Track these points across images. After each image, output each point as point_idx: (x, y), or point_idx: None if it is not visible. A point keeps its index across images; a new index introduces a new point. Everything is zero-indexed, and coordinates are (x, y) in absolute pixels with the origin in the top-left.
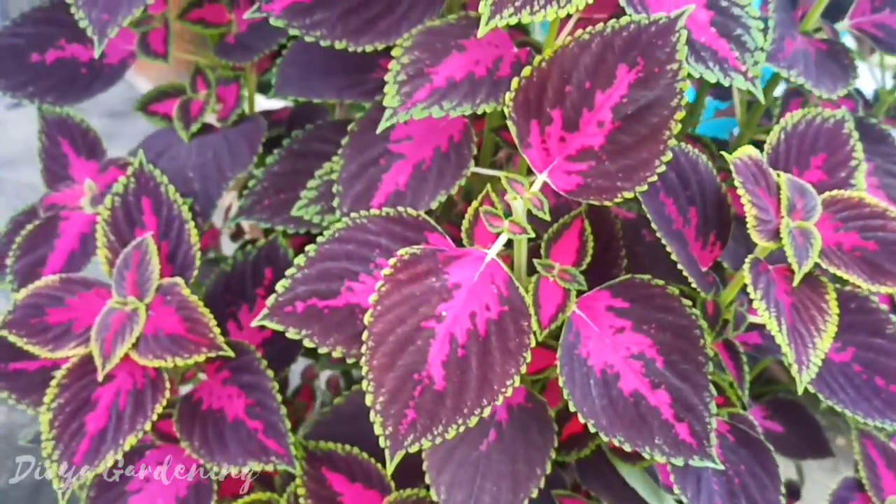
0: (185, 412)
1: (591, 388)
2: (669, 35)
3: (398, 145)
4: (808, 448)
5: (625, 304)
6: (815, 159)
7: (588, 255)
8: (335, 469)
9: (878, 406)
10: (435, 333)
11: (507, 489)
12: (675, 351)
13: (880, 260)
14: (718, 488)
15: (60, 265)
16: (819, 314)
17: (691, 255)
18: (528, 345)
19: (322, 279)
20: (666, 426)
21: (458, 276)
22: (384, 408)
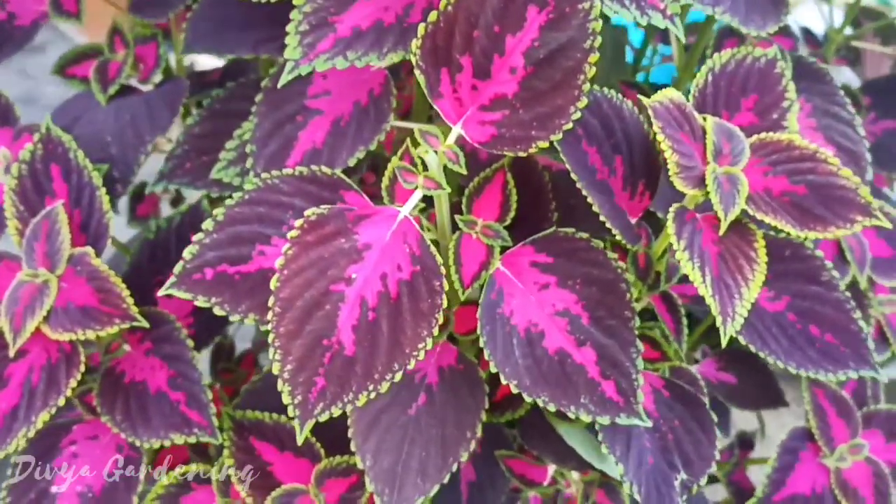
0: (107, 385)
1: (515, 347)
2: None
3: (316, 101)
4: (763, 398)
5: (549, 259)
6: (746, 101)
7: (512, 209)
8: (264, 438)
9: (812, 356)
10: (345, 297)
11: (436, 454)
12: (602, 306)
13: (810, 204)
14: (650, 445)
15: None
16: (747, 263)
17: (617, 205)
18: (441, 305)
19: (232, 244)
20: (592, 384)
21: (369, 235)
22: (292, 376)
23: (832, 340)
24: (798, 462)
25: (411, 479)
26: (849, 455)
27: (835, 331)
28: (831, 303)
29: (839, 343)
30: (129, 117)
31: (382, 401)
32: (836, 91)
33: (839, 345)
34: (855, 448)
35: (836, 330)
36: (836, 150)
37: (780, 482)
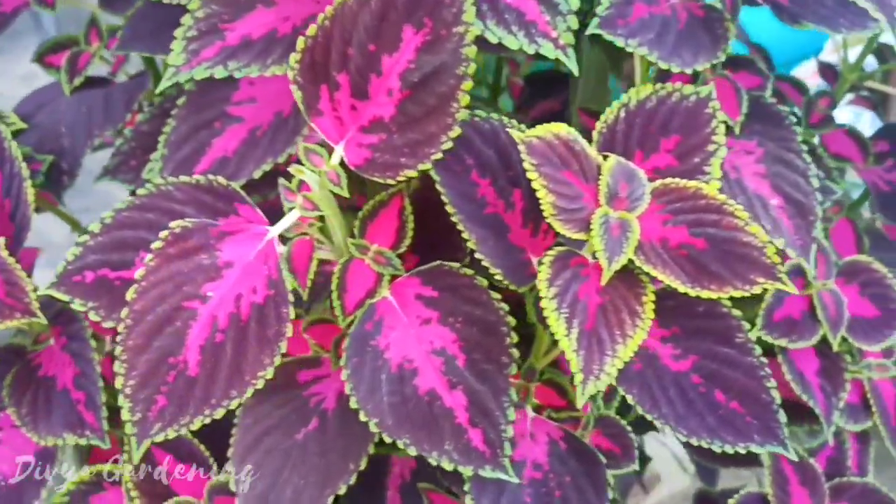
0: (20, 376)
1: (383, 383)
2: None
3: (239, 108)
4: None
5: (434, 293)
6: (667, 142)
7: (408, 236)
8: (161, 446)
9: (711, 424)
10: (197, 315)
11: (314, 483)
12: (479, 349)
13: (707, 260)
14: (531, 500)
15: None
16: (630, 318)
17: (512, 243)
18: (285, 334)
19: (116, 249)
20: (458, 431)
21: (233, 253)
22: (134, 392)
23: (738, 409)
24: None
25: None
26: None
27: (743, 399)
28: (743, 367)
29: (746, 412)
30: (86, 109)
31: (268, 422)
32: (794, 137)
33: (745, 414)
34: None
35: (745, 398)
36: (783, 201)
37: None
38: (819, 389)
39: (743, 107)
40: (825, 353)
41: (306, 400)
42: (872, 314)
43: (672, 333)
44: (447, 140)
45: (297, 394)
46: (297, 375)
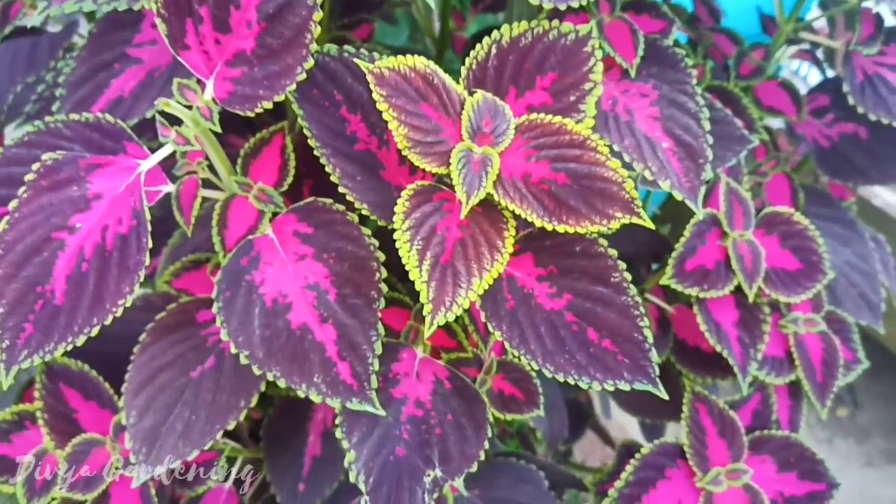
0: None
1: (255, 316)
2: None
3: (139, 49)
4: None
5: (310, 229)
6: (542, 80)
7: (290, 174)
8: (71, 385)
9: (581, 361)
10: (65, 245)
11: (204, 419)
12: (349, 284)
13: (566, 195)
14: (409, 437)
15: None
16: (489, 252)
17: (385, 180)
18: (144, 263)
19: (4, 184)
20: (328, 364)
21: (102, 186)
22: (3, 320)
23: (610, 347)
24: (663, 479)
25: (172, 441)
26: (724, 479)
27: (615, 337)
28: (617, 307)
29: (618, 351)
30: (10, 57)
31: (165, 359)
32: (688, 80)
33: (617, 353)
34: (734, 473)
35: (617, 336)
36: (673, 143)
37: (634, 497)
38: (736, 341)
39: (639, 50)
40: (744, 304)
41: (204, 339)
42: (794, 266)
43: (548, 273)
44: (302, 72)
45: (195, 332)
46: (196, 315)
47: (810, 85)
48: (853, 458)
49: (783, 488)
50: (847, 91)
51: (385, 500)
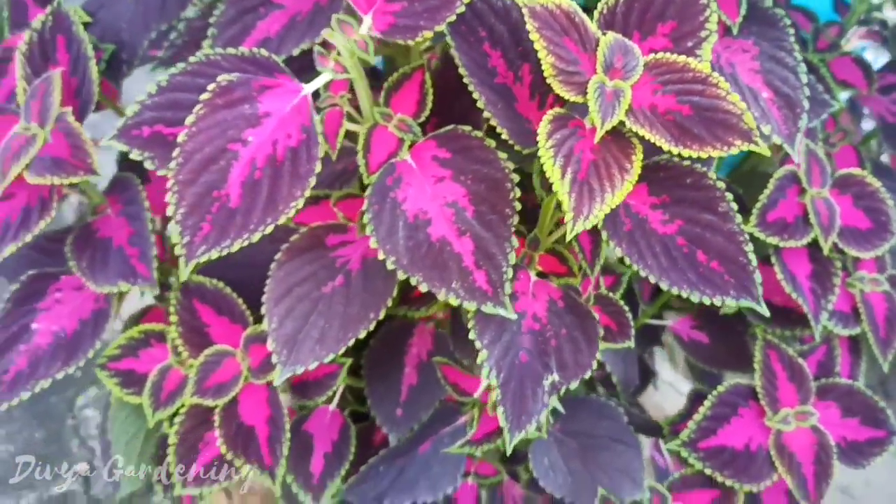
0: (80, 238)
1: (399, 228)
2: None
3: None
4: (733, 361)
5: (448, 154)
6: (663, 27)
7: (428, 107)
8: (205, 301)
9: (692, 278)
10: (239, 156)
11: (337, 327)
12: (486, 202)
13: (691, 124)
14: (530, 346)
15: (3, 98)
16: (619, 173)
17: (518, 112)
18: (315, 170)
19: (170, 108)
20: (465, 272)
21: (271, 106)
22: (184, 218)
23: (717, 268)
24: (736, 416)
25: (309, 345)
26: (794, 420)
27: (722, 259)
28: (723, 233)
29: (724, 272)
30: (143, 7)
31: (299, 275)
32: (786, 38)
33: (724, 273)
34: (802, 414)
35: (724, 259)
36: (773, 94)
37: (711, 430)
38: (809, 291)
39: (742, 9)
40: (817, 258)
41: (333, 260)
42: (865, 226)
43: (661, 202)
44: (461, 5)
45: (325, 254)
46: (325, 239)
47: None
48: None
49: (846, 433)
50: None
51: (512, 395)
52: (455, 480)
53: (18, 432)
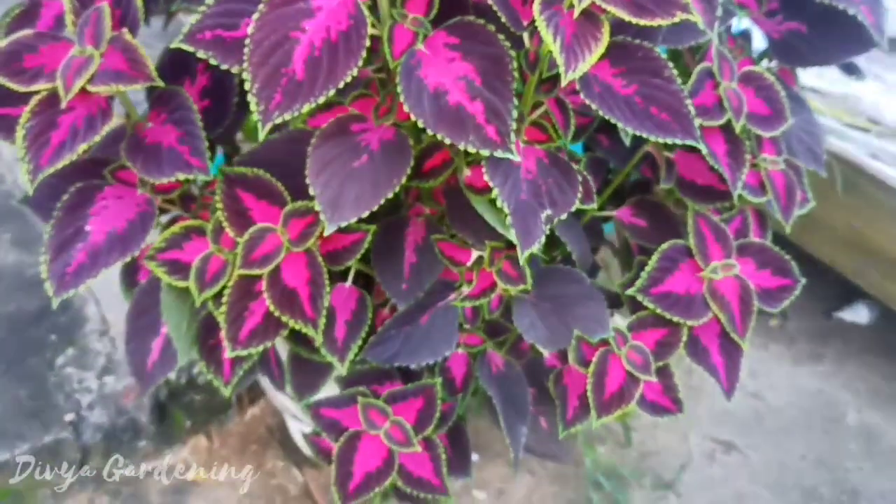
0: (131, 145)
1: (424, 99)
2: None
3: None
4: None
5: (456, 40)
6: None
7: (435, 7)
8: (246, 188)
9: (648, 126)
10: (300, 41)
11: (369, 190)
12: (491, 73)
13: (645, 2)
14: (526, 188)
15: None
16: (594, 41)
17: (511, 5)
18: (364, 44)
19: (226, 15)
20: (479, 127)
21: (321, 2)
22: (258, 92)
23: (666, 118)
24: (677, 270)
25: (349, 204)
26: (721, 271)
27: (669, 111)
28: (668, 92)
29: (671, 120)
30: None
31: (331, 154)
32: None
33: (671, 121)
34: (726, 266)
35: (671, 111)
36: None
37: (659, 279)
38: (727, 165)
39: None
40: (731, 139)
41: (358, 143)
42: (766, 112)
43: (621, 72)
44: None
45: (350, 139)
46: (349, 126)
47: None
48: (784, 359)
49: (761, 282)
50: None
51: (521, 221)
52: (451, 346)
53: (4, 391)
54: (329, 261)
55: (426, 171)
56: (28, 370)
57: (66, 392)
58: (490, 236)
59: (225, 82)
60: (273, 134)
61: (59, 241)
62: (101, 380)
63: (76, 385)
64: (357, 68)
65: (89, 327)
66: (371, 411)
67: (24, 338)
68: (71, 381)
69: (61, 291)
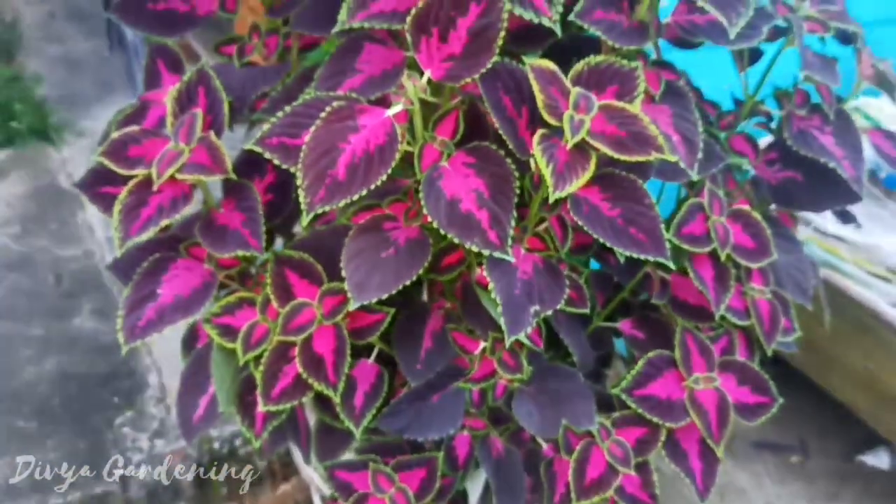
0: (204, 225)
1: (441, 205)
2: None
3: (360, 65)
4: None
5: (472, 159)
6: (611, 88)
7: (460, 133)
8: (292, 268)
9: (627, 243)
10: (344, 150)
11: (391, 278)
12: (497, 188)
13: (626, 141)
14: (520, 286)
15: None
16: (582, 170)
17: (520, 135)
18: (394, 158)
19: (291, 126)
20: (483, 231)
21: (365, 121)
22: (307, 187)
23: (643, 238)
24: (661, 376)
25: (373, 287)
26: (702, 382)
27: (646, 232)
28: (647, 217)
29: (647, 240)
30: (251, 75)
31: (364, 245)
32: (690, 105)
33: (647, 241)
34: (708, 379)
35: (647, 232)
36: (680, 137)
37: (643, 383)
38: (713, 288)
39: (662, 86)
40: (718, 266)
41: (387, 238)
42: (751, 246)
43: (608, 197)
44: (490, 64)
45: (381, 234)
46: (382, 224)
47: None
48: (801, 497)
49: (740, 397)
50: (787, 137)
51: (511, 312)
52: (456, 425)
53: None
54: (354, 336)
55: (443, 267)
56: (90, 426)
57: (121, 449)
58: (494, 328)
59: (288, 182)
60: (322, 227)
61: (134, 299)
62: (152, 442)
63: (130, 444)
64: (387, 174)
65: (149, 393)
66: (380, 476)
67: (91, 397)
68: (126, 441)
69: (131, 340)
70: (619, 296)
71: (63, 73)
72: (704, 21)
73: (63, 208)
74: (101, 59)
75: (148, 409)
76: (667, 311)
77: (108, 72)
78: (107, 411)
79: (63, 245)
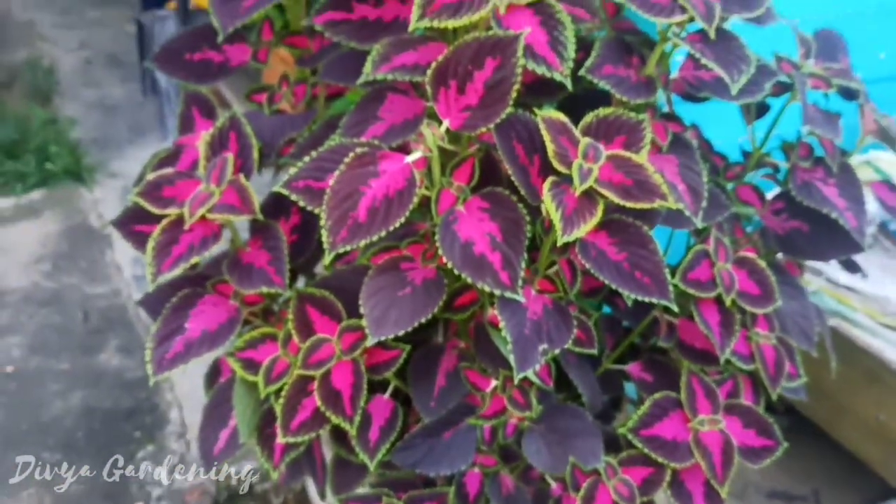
0: (232, 263)
1: (456, 247)
2: (514, 43)
3: (383, 113)
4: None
5: (486, 204)
6: (619, 139)
7: (475, 178)
8: (314, 305)
9: (632, 286)
10: (366, 194)
11: (407, 315)
12: (510, 232)
13: (631, 189)
14: (529, 326)
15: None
16: (590, 216)
17: (532, 183)
18: (412, 202)
19: (317, 170)
20: (495, 272)
21: (385, 167)
22: (330, 228)
23: (647, 281)
24: (667, 417)
25: (390, 324)
26: (707, 424)
27: (650, 276)
28: (652, 261)
29: (652, 284)
30: (279, 122)
31: (382, 284)
32: (696, 157)
33: (651, 284)
34: (713, 421)
35: (651, 276)
36: (686, 187)
37: (649, 423)
38: (718, 333)
39: (669, 137)
40: (724, 311)
41: (404, 278)
42: (756, 292)
43: (615, 242)
44: (504, 115)
45: (399, 274)
46: (400, 265)
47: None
48: None
49: (745, 440)
50: (791, 188)
51: (520, 350)
52: (467, 462)
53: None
54: (371, 372)
55: (457, 306)
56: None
57: (140, 482)
58: (505, 366)
59: (312, 223)
60: (343, 267)
61: (163, 333)
62: (171, 476)
63: (149, 478)
64: (405, 217)
65: (170, 429)
66: None
67: (114, 431)
68: (146, 474)
69: (158, 372)
70: (628, 339)
71: (98, 116)
72: (710, 77)
73: (93, 247)
74: (134, 104)
75: (169, 444)
76: (675, 355)
77: (141, 116)
78: (129, 445)
79: (92, 283)
